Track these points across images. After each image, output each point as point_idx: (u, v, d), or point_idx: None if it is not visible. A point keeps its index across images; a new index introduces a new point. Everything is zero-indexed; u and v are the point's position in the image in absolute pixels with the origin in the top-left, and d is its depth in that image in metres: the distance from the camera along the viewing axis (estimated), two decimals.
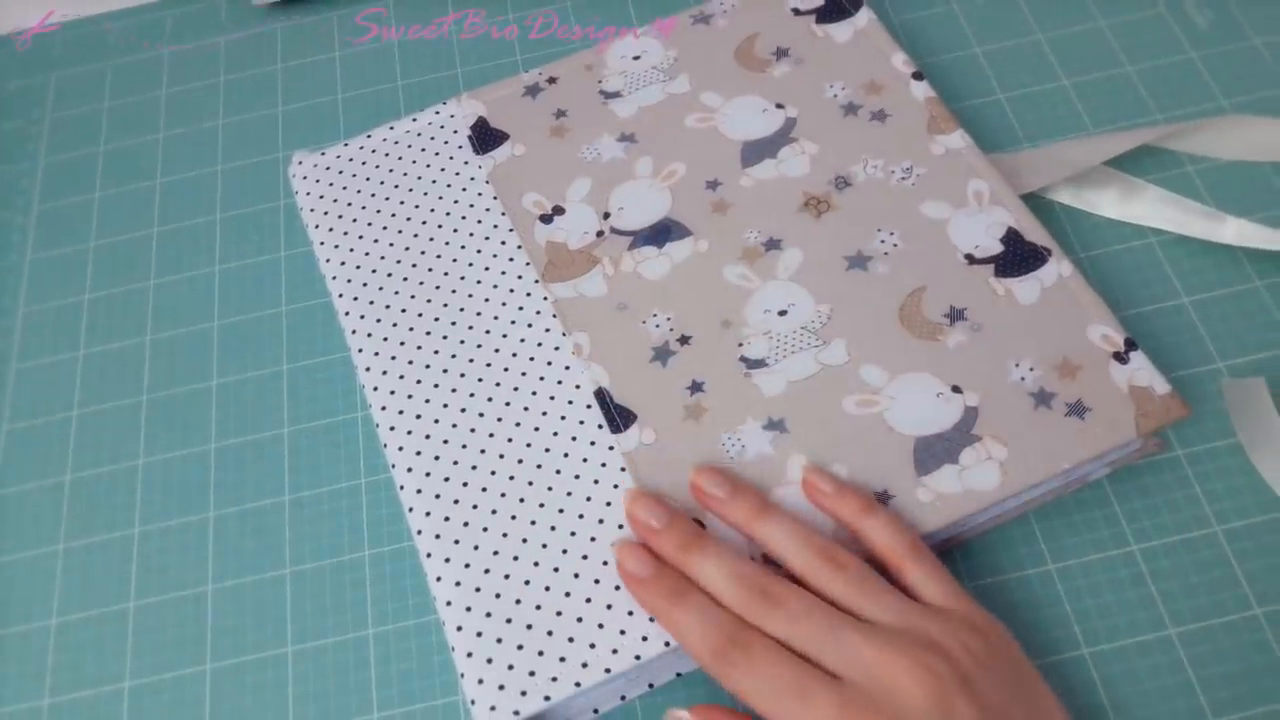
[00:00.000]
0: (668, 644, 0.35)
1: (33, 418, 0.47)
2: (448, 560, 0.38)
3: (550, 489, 0.39)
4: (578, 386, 0.41)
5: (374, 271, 0.44)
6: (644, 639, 0.36)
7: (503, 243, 0.45)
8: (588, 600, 0.37)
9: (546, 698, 0.35)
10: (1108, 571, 0.40)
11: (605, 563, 0.37)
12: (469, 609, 0.37)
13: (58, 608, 0.42)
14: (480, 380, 0.41)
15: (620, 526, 0.38)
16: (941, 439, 0.38)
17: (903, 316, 0.41)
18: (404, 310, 0.43)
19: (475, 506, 0.39)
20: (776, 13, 0.50)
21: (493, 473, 0.39)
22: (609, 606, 0.36)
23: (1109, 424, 0.38)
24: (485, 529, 0.38)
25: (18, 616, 0.42)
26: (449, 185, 0.46)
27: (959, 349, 0.40)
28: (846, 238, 0.43)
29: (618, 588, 0.37)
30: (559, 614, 0.36)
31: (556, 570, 0.37)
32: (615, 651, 0.36)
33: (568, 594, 0.37)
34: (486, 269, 0.44)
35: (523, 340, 0.42)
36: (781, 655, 0.33)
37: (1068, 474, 0.38)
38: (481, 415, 0.41)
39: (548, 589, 0.37)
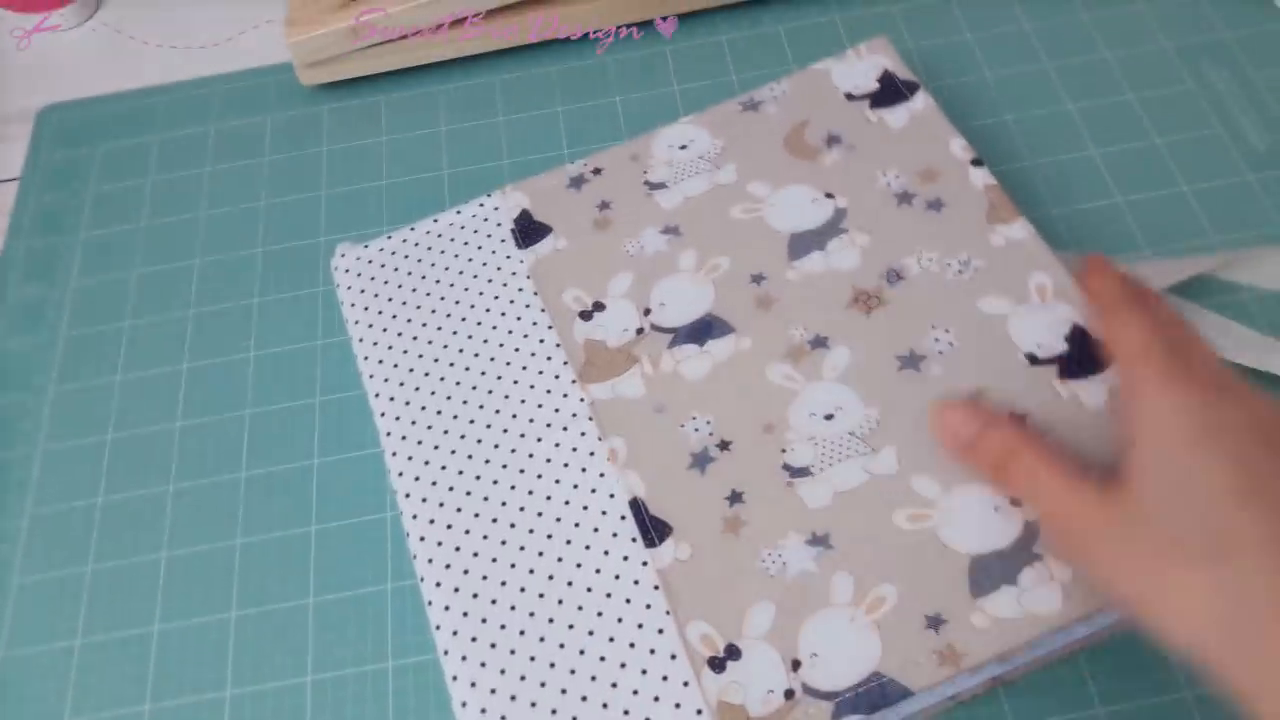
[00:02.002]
0: None
1: (58, 503, 0.46)
2: (473, 685, 0.36)
3: (580, 608, 0.37)
4: (612, 496, 0.39)
5: (411, 371, 0.43)
6: None
7: (541, 340, 0.43)
8: None
9: None
10: (1161, 718, 0.38)
11: (635, 692, 0.35)
12: None
13: (70, 707, 0.41)
14: (513, 488, 0.40)
15: (652, 652, 0.36)
16: (1000, 558, 0.36)
17: None
18: (439, 412, 0.42)
19: (503, 627, 0.37)
20: (829, 98, 0.48)
21: (522, 589, 0.38)
22: None
23: None
24: (513, 651, 0.37)
25: (33, 713, 0.41)
26: (490, 280, 0.45)
27: None
28: (898, 335, 0.41)
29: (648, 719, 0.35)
30: None
31: (585, 700, 0.35)
32: None
33: None
34: (524, 368, 0.43)
35: (558, 445, 0.41)
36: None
37: None
38: (513, 526, 0.39)
39: (575, 719, 0.35)
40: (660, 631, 0.36)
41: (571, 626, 0.37)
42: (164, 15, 0.63)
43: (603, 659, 0.36)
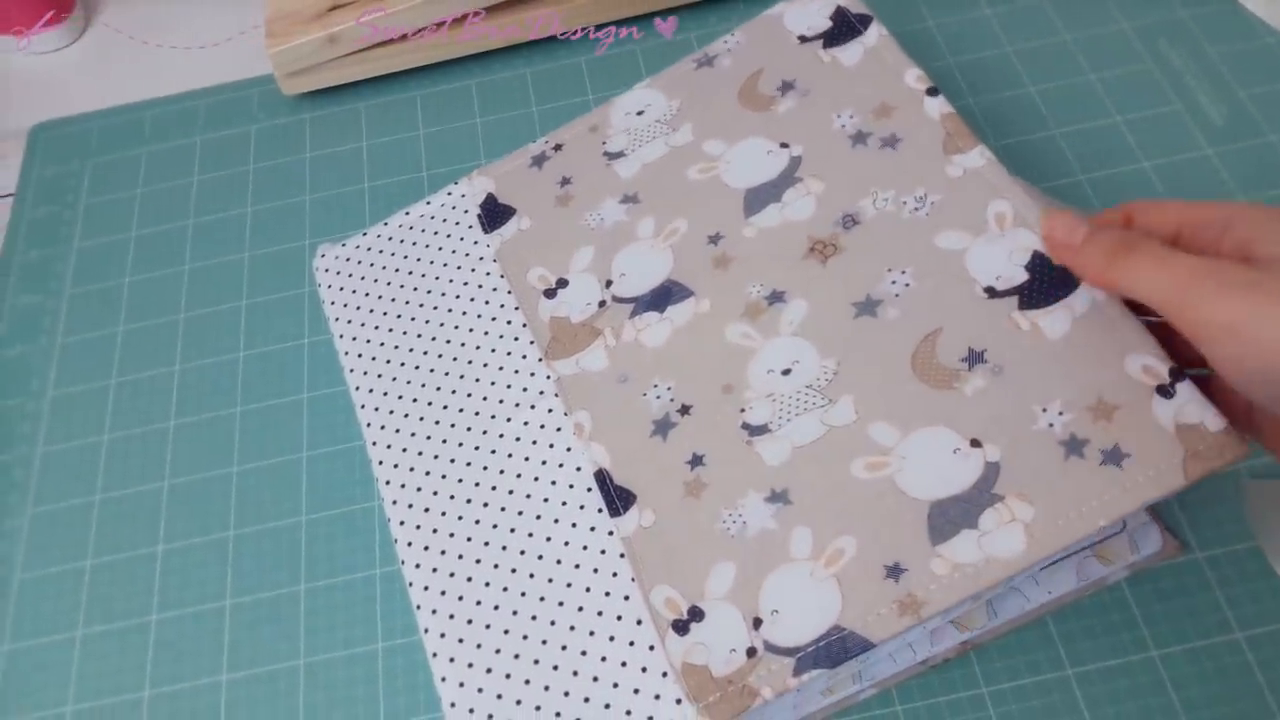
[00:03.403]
0: None
1: (57, 502, 0.47)
2: (452, 660, 0.36)
3: (550, 580, 0.37)
4: (578, 469, 0.39)
5: (388, 361, 0.44)
6: None
7: (509, 322, 0.43)
8: (585, 700, 0.35)
9: None
10: (1127, 677, 0.38)
11: (604, 658, 0.35)
12: (472, 711, 0.35)
13: (74, 694, 0.42)
14: (485, 468, 0.40)
15: (619, 618, 0.36)
16: (958, 502, 0.34)
17: (915, 365, 0.37)
18: (415, 399, 0.42)
19: (479, 602, 0.37)
20: (782, 43, 0.47)
21: (495, 565, 0.38)
22: (606, 707, 0.35)
23: (1152, 470, 0.33)
24: (488, 626, 0.37)
25: (35, 703, 0.42)
26: (459, 267, 0.45)
27: (978, 396, 0.36)
28: (854, 282, 0.40)
29: (616, 685, 0.35)
30: (558, 715, 0.35)
31: (556, 669, 0.36)
32: None
33: (566, 694, 0.35)
34: (493, 350, 0.43)
35: (526, 423, 0.41)
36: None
37: (1102, 531, 0.34)
38: (486, 505, 0.39)
39: (547, 689, 0.35)
40: (626, 598, 0.36)
41: (542, 598, 0.37)
42: (155, 26, 0.65)
43: (572, 627, 0.36)
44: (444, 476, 0.41)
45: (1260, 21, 0.55)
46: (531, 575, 0.38)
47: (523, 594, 0.38)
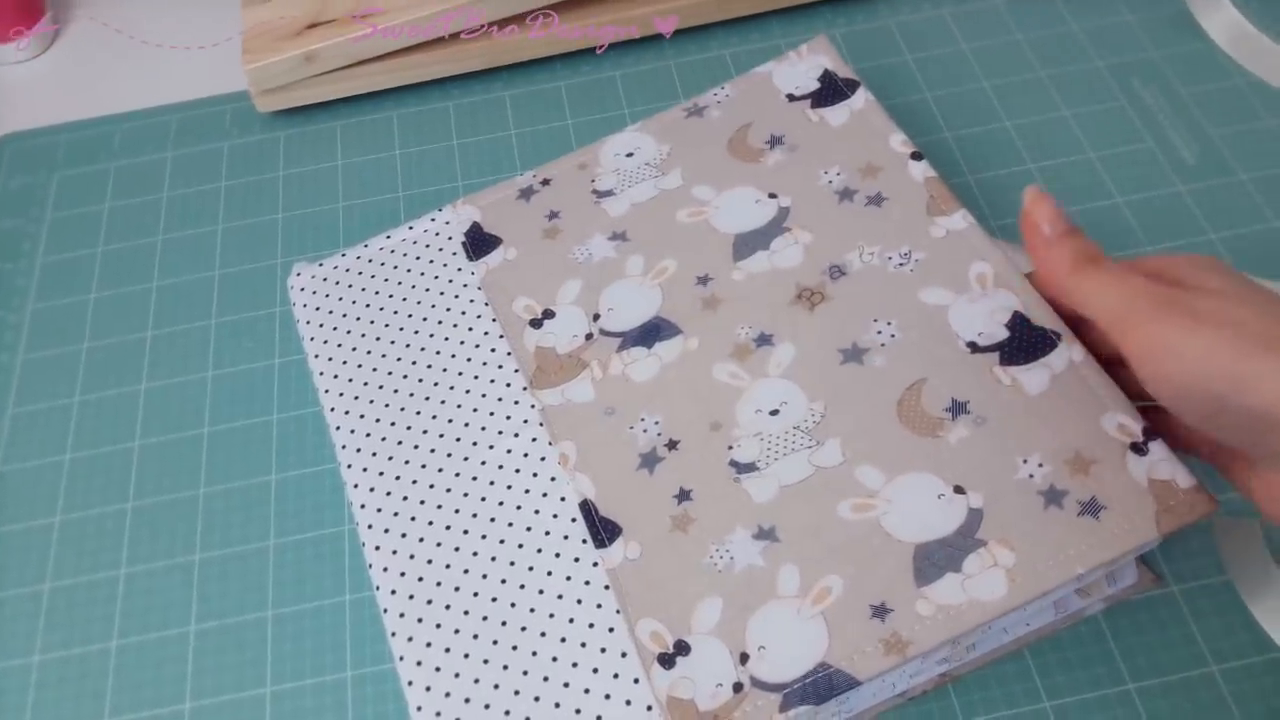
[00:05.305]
0: None
1: (14, 523, 0.46)
2: (428, 689, 0.36)
3: (533, 610, 0.37)
4: (563, 499, 0.39)
5: (365, 384, 0.44)
6: None
7: (493, 350, 0.43)
8: None
9: None
10: (1104, 711, 0.39)
11: (587, 690, 0.36)
12: None
13: None
14: (466, 495, 0.40)
15: (603, 651, 0.36)
16: (943, 545, 0.36)
17: (901, 412, 0.39)
18: (393, 423, 0.42)
19: (457, 631, 0.37)
20: (771, 100, 0.49)
21: (475, 594, 0.38)
22: None
23: (1127, 523, 0.35)
24: (467, 655, 0.37)
25: None
26: (442, 293, 0.46)
27: (962, 445, 0.38)
28: (841, 330, 0.41)
29: (599, 718, 0.35)
30: None
31: (537, 700, 0.36)
32: None
33: None
34: (476, 378, 0.43)
35: (509, 451, 0.41)
36: None
37: (1080, 579, 0.36)
38: (466, 533, 0.39)
39: (528, 719, 0.36)
40: (611, 630, 0.37)
41: (524, 628, 0.37)
42: (137, 24, 0.64)
43: (555, 659, 0.36)
44: (423, 502, 0.41)
45: (1232, 62, 0.56)
46: (513, 605, 0.38)
47: (503, 623, 0.38)
